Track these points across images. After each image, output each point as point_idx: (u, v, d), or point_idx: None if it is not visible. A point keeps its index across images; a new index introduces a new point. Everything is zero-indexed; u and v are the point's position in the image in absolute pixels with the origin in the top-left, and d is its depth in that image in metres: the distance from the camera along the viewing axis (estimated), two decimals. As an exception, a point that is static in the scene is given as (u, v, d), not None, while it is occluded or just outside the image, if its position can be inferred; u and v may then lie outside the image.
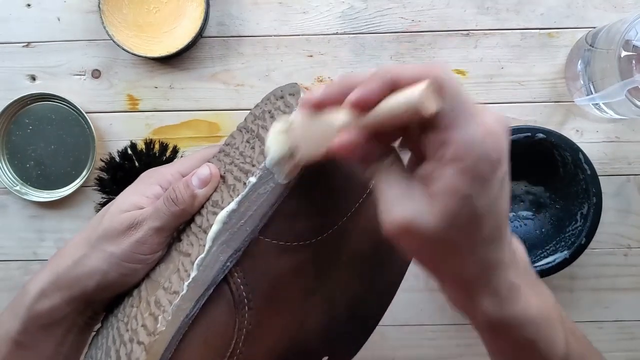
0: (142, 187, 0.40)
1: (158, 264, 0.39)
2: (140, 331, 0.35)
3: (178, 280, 0.35)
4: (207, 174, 0.38)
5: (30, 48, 0.58)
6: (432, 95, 0.27)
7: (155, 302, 0.36)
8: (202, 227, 0.37)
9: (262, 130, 0.37)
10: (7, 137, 0.58)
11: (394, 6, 0.57)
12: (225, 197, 0.36)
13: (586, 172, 0.51)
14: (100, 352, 0.38)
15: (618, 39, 0.46)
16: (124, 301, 0.39)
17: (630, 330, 0.59)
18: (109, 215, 0.39)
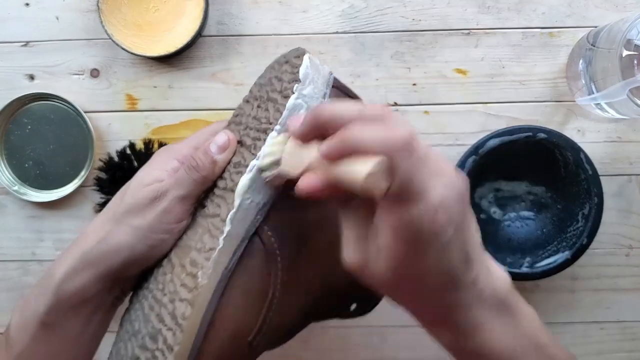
0: (160, 162, 0.40)
1: (185, 233, 0.39)
2: (181, 290, 0.36)
3: (211, 239, 0.37)
4: (225, 139, 0.39)
5: (28, 47, 0.57)
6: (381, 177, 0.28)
7: (191, 263, 0.37)
8: (228, 187, 0.38)
9: (273, 93, 0.39)
10: (5, 137, 0.57)
11: (395, 5, 0.56)
12: (247, 157, 0.38)
13: (587, 172, 0.50)
14: (137, 323, 0.39)
15: (619, 39, 0.46)
16: (154, 273, 0.40)
17: (632, 330, 0.58)
18: (130, 191, 0.39)
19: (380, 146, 0.28)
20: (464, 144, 0.56)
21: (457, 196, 0.30)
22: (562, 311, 0.58)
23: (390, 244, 0.29)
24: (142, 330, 0.38)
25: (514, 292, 0.34)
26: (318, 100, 0.39)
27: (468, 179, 0.31)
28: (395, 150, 0.28)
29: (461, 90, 0.57)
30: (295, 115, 0.37)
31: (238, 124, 0.41)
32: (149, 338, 0.37)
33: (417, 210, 0.28)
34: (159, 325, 0.37)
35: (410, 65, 0.57)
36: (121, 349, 0.40)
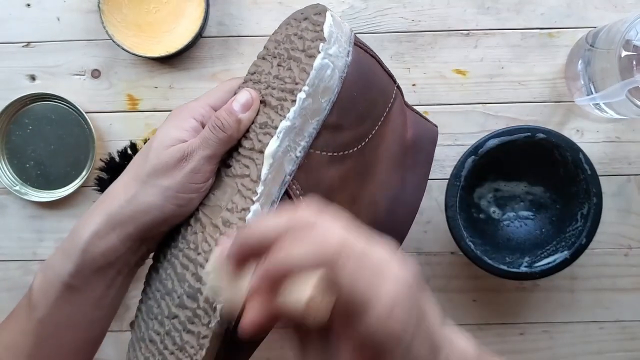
0: (178, 121, 0.41)
1: (211, 192, 0.40)
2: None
3: (242, 199, 0.38)
4: (249, 97, 0.40)
5: (29, 48, 0.58)
6: (323, 296, 0.26)
7: (224, 222, 0.38)
8: (255, 148, 0.39)
9: (294, 52, 0.39)
10: (6, 137, 0.57)
11: (394, 6, 0.57)
12: (274, 117, 0.39)
13: (586, 172, 0.51)
14: (169, 282, 0.39)
15: (618, 39, 0.46)
16: (181, 232, 0.40)
17: (631, 330, 0.59)
18: (154, 152, 0.39)
19: (314, 262, 0.27)
20: (464, 144, 0.57)
21: (408, 289, 0.28)
22: (562, 311, 0.58)
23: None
24: (178, 289, 0.38)
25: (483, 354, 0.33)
26: (343, 59, 0.39)
27: (415, 271, 0.29)
28: (330, 262, 0.26)
29: (460, 91, 0.57)
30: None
31: (257, 82, 0.41)
32: (187, 297, 0.37)
33: (370, 319, 0.26)
34: (197, 285, 0.37)
35: (409, 65, 0.57)
36: (153, 307, 0.40)
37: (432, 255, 0.58)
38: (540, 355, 0.59)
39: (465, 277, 0.59)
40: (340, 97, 0.39)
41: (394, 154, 0.44)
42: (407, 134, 0.45)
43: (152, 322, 0.40)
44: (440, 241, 0.58)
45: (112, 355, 0.59)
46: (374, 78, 0.42)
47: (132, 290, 0.57)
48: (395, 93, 0.44)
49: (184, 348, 0.37)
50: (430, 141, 0.47)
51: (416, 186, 0.46)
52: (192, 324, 0.37)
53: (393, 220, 0.44)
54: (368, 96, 0.41)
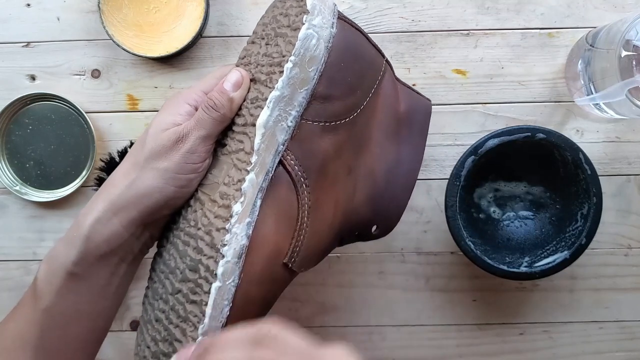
0: (172, 108, 0.41)
1: (208, 172, 0.41)
2: (216, 221, 0.38)
3: (238, 172, 0.39)
4: (239, 76, 0.41)
5: (29, 48, 0.58)
6: None
7: (221, 196, 0.39)
8: (248, 122, 0.40)
9: (281, 29, 0.40)
10: (6, 137, 0.57)
11: (394, 6, 0.57)
12: (264, 91, 0.40)
13: (586, 172, 0.51)
14: (172, 261, 0.40)
15: (618, 39, 0.46)
16: (182, 214, 0.41)
17: (631, 330, 0.59)
18: (151, 137, 0.40)
19: None
20: (463, 144, 0.57)
21: None
22: (561, 311, 0.59)
23: None
24: (180, 265, 0.39)
25: None
26: (327, 30, 0.40)
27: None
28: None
29: (460, 91, 0.57)
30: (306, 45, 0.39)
31: (247, 64, 0.42)
32: (189, 270, 0.38)
33: None
34: (197, 257, 0.38)
35: (409, 65, 0.57)
36: (158, 288, 0.41)
37: (432, 255, 0.59)
38: (540, 355, 0.59)
39: (465, 277, 0.59)
40: (327, 67, 0.40)
41: (388, 126, 0.45)
42: (399, 106, 0.46)
43: (158, 303, 0.40)
44: (440, 241, 0.58)
45: (112, 355, 0.59)
46: (361, 50, 0.43)
47: (132, 290, 0.58)
48: (384, 66, 0.45)
49: (187, 318, 0.38)
50: (424, 113, 0.48)
51: (412, 158, 0.47)
52: (195, 293, 0.38)
53: (391, 192, 0.46)
54: (356, 67, 0.42)
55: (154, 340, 0.40)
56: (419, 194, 0.58)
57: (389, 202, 0.46)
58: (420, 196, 0.58)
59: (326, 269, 0.59)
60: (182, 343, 0.38)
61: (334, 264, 0.59)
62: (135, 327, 0.59)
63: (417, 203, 0.58)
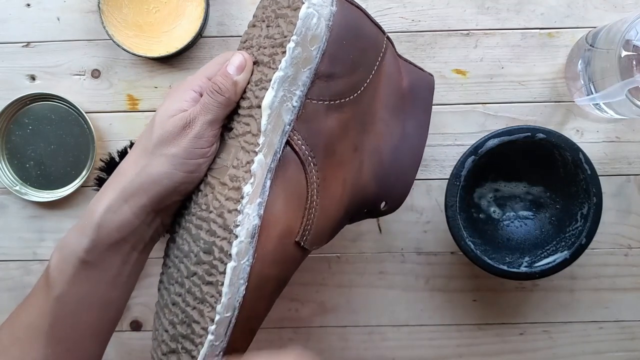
0: (178, 94, 0.42)
1: (217, 156, 0.41)
2: (227, 204, 0.39)
3: (246, 154, 0.40)
4: (242, 59, 0.41)
5: (29, 48, 0.58)
6: None
7: (231, 179, 0.39)
8: (254, 105, 0.40)
9: (281, 10, 0.41)
10: (6, 137, 0.57)
11: (394, 6, 0.57)
12: (267, 72, 0.40)
13: (586, 172, 0.51)
14: (186, 245, 0.40)
15: (618, 39, 0.46)
16: (192, 199, 0.42)
17: (631, 330, 0.59)
18: (158, 124, 0.40)
19: None
20: (463, 144, 0.57)
21: None
22: (561, 311, 0.59)
23: None
24: (194, 249, 0.39)
25: None
26: (327, 8, 0.40)
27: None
28: None
29: (460, 91, 0.57)
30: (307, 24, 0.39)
31: (249, 47, 0.43)
32: (203, 253, 0.39)
33: None
34: (211, 239, 0.38)
35: (409, 65, 0.57)
36: (173, 273, 0.41)
37: (432, 255, 0.59)
38: (540, 355, 0.59)
39: (465, 277, 0.59)
40: (329, 46, 0.40)
41: (392, 102, 0.45)
42: (402, 82, 0.47)
43: (174, 287, 0.41)
44: (440, 241, 0.58)
45: (113, 356, 0.59)
46: (362, 27, 0.43)
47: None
48: (385, 43, 0.45)
49: (204, 300, 0.38)
50: (427, 88, 0.49)
51: (418, 134, 0.47)
52: (210, 275, 0.38)
53: (398, 168, 0.46)
54: (358, 45, 0.42)
55: (171, 323, 0.40)
56: (419, 194, 0.58)
57: (396, 178, 0.46)
58: (420, 196, 0.58)
59: (326, 269, 0.59)
60: (200, 324, 0.38)
61: (334, 264, 0.59)
62: (135, 327, 0.59)
63: (417, 203, 0.58)
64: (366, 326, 0.59)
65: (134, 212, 0.40)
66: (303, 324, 0.59)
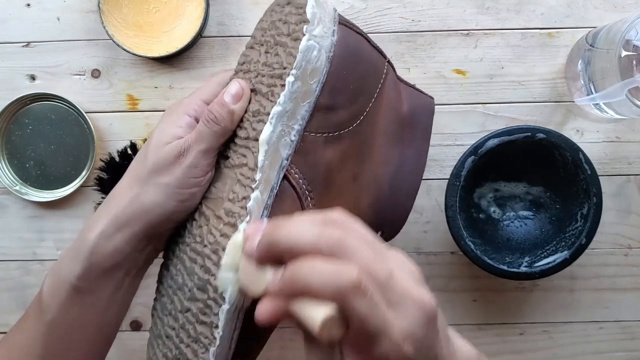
0: (172, 119, 0.41)
1: (212, 185, 0.40)
2: (222, 240, 0.38)
3: (242, 188, 0.38)
4: (239, 88, 0.40)
5: (29, 48, 0.58)
6: (336, 323, 0.27)
7: (227, 213, 0.38)
8: (250, 137, 0.39)
9: (280, 37, 0.39)
10: (6, 137, 0.57)
11: (394, 6, 0.57)
12: (265, 104, 0.39)
13: (586, 172, 0.51)
14: (180, 277, 0.40)
15: (618, 39, 0.46)
16: (187, 227, 0.41)
17: (631, 330, 0.59)
18: (152, 151, 0.39)
19: (330, 292, 0.27)
20: (463, 144, 0.57)
21: (425, 320, 0.29)
22: (561, 311, 0.59)
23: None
24: (188, 283, 0.39)
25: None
26: (328, 39, 0.39)
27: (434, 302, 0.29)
28: (346, 295, 0.27)
29: (460, 91, 0.57)
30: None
31: (247, 71, 0.41)
32: (197, 289, 0.38)
33: (380, 349, 0.27)
34: (206, 276, 0.38)
35: (409, 65, 0.57)
36: (167, 303, 0.41)
37: (432, 255, 0.59)
38: (540, 355, 0.59)
39: (465, 277, 0.59)
40: (330, 77, 0.39)
41: (391, 129, 0.44)
42: (402, 107, 0.46)
43: (167, 318, 0.40)
44: (440, 241, 0.58)
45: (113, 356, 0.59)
46: (362, 55, 0.42)
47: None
48: (386, 68, 0.44)
49: (198, 339, 0.37)
50: (427, 113, 0.48)
51: (416, 161, 0.46)
52: (204, 314, 0.37)
53: (396, 196, 0.45)
54: (358, 74, 0.41)
55: (165, 356, 0.40)
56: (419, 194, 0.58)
57: (393, 207, 0.45)
58: (420, 196, 0.58)
59: (326, 269, 0.59)
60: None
61: (334, 264, 0.59)
62: (135, 327, 0.59)
63: (417, 203, 0.58)
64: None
65: (126, 240, 0.39)
66: (303, 324, 0.59)
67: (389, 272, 0.28)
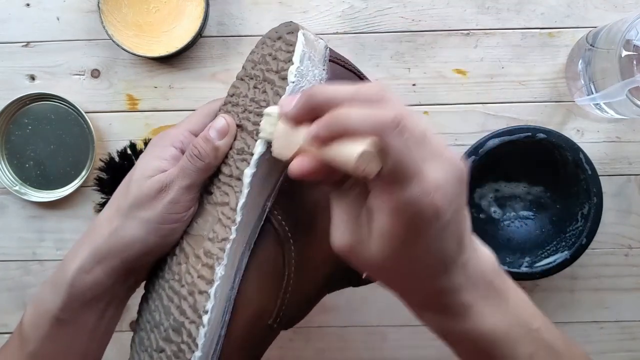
0: (158, 150, 0.40)
1: (194, 220, 0.39)
2: (199, 282, 0.37)
3: (223, 228, 0.37)
4: (224, 124, 0.39)
5: (29, 48, 0.57)
6: (373, 158, 0.28)
7: (205, 253, 0.37)
8: (234, 175, 0.38)
9: (269, 73, 0.38)
10: (6, 137, 0.57)
11: (394, 6, 0.57)
12: (250, 143, 0.38)
13: (587, 172, 0.50)
14: (157, 314, 0.39)
15: (619, 39, 0.46)
16: (167, 262, 0.40)
17: (631, 330, 0.59)
18: (135, 183, 0.39)
19: (368, 127, 0.28)
20: (464, 144, 0.56)
21: (457, 179, 0.29)
22: (562, 311, 0.58)
23: (385, 227, 0.29)
24: (164, 322, 0.38)
25: (501, 274, 0.34)
26: (316, 78, 0.39)
27: (468, 165, 0.30)
28: (384, 130, 0.27)
29: (461, 91, 0.57)
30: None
31: (235, 105, 0.40)
32: (172, 331, 0.37)
33: (412, 191, 0.28)
34: (181, 319, 0.37)
35: (409, 65, 0.57)
36: (144, 339, 0.40)
37: (432, 255, 0.58)
38: (541, 355, 0.59)
39: (465, 277, 0.59)
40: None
41: None
42: None
43: (143, 355, 0.40)
44: (440, 241, 0.58)
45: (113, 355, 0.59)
46: None
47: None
48: None
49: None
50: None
51: None
52: (178, 358, 0.37)
53: None
54: None
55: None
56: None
57: None
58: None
59: (326, 269, 0.59)
60: None
61: (334, 264, 0.59)
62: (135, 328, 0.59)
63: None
64: (366, 326, 0.59)
65: (106, 274, 0.39)
66: (303, 324, 0.59)
67: (423, 128, 0.29)
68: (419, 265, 0.30)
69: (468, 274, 0.32)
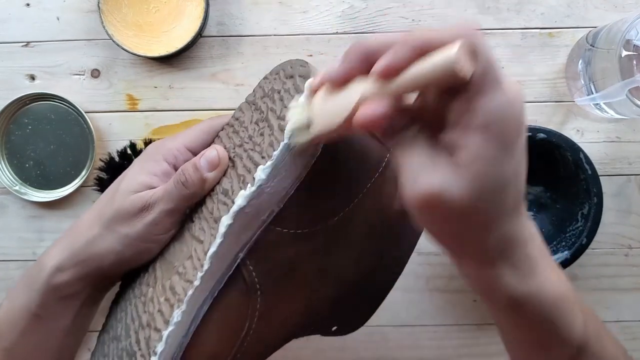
0: (149, 164, 0.40)
1: (172, 242, 0.39)
2: (157, 317, 0.36)
3: (192, 269, 0.36)
4: (215, 156, 0.38)
5: (29, 48, 0.57)
6: (467, 57, 0.26)
7: (170, 288, 0.36)
8: (214, 215, 0.37)
9: (272, 115, 0.36)
10: (6, 137, 0.57)
11: (394, 6, 0.57)
12: (235, 188, 0.36)
13: (587, 172, 0.50)
14: (120, 328, 0.39)
15: (619, 39, 0.46)
16: (140, 277, 0.40)
17: (631, 330, 0.59)
18: (119, 196, 0.39)
19: (454, 32, 0.26)
20: (464, 144, 0.56)
21: (522, 94, 0.28)
22: (562, 311, 0.58)
23: (476, 149, 0.27)
24: (123, 341, 0.38)
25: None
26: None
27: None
28: (470, 32, 0.26)
29: (461, 91, 0.57)
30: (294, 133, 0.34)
31: (236, 132, 0.39)
32: (126, 354, 0.37)
33: (501, 98, 0.26)
34: (135, 347, 0.36)
35: (410, 65, 0.57)
36: (105, 344, 0.40)
37: (432, 255, 0.58)
38: (541, 355, 0.59)
39: (465, 277, 0.59)
40: (310, 174, 0.34)
41: (373, 229, 0.39)
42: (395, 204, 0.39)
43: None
44: (440, 241, 0.58)
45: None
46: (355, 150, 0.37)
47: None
48: (386, 161, 0.38)
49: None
50: None
51: (393, 265, 0.42)
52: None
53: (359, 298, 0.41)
54: (346, 171, 0.36)
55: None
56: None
57: (354, 309, 0.42)
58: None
59: (326, 269, 0.59)
60: None
61: (334, 264, 0.59)
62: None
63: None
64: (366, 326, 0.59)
65: (81, 276, 0.39)
66: (303, 324, 0.59)
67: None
68: (503, 196, 0.28)
69: (531, 229, 0.31)
